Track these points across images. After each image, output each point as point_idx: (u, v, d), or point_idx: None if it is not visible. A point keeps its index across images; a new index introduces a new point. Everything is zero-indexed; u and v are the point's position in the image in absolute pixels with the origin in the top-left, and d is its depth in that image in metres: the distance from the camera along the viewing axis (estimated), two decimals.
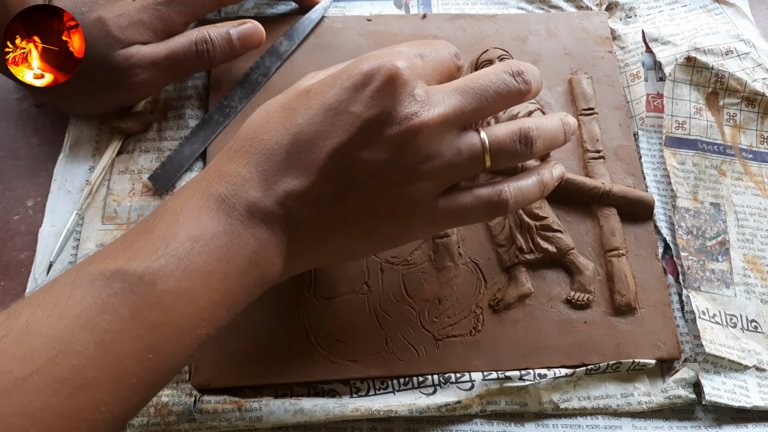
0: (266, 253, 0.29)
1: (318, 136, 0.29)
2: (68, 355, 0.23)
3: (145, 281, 0.25)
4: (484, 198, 0.31)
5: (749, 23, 0.47)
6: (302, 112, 0.29)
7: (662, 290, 0.39)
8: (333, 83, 0.29)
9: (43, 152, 0.43)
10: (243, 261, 0.28)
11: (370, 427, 0.35)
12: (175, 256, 0.26)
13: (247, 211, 0.28)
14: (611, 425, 0.35)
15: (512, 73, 0.31)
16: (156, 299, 0.25)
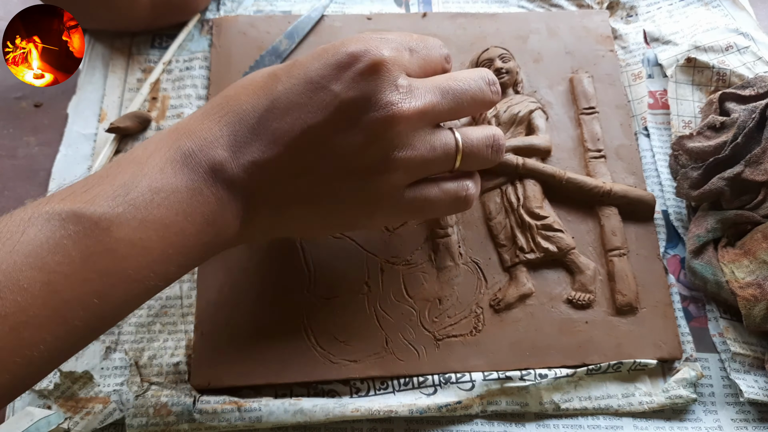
0: (224, 215, 0.28)
1: (293, 108, 0.29)
2: (13, 291, 0.23)
3: (101, 227, 0.25)
4: (451, 192, 0.32)
5: (747, 15, 0.47)
6: (284, 80, 0.29)
7: (663, 290, 0.38)
8: (318, 57, 0.29)
9: (41, 152, 0.42)
10: (200, 219, 0.28)
11: (370, 427, 0.35)
12: (133, 205, 0.26)
13: (211, 170, 0.28)
14: (612, 425, 0.35)
15: (488, 81, 0.32)
16: (109, 246, 0.25)
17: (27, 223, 0.25)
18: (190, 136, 0.29)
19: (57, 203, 0.25)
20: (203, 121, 0.29)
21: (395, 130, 0.29)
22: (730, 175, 0.38)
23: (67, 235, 0.25)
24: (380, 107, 0.28)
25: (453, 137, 0.31)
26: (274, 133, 0.28)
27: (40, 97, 0.44)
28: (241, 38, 0.46)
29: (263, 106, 0.29)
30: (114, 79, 0.45)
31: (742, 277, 0.36)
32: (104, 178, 0.27)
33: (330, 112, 0.28)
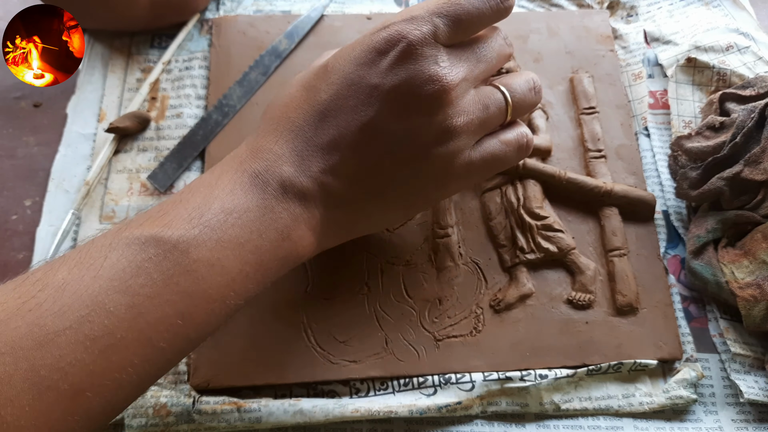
0: (298, 228, 0.29)
1: (345, 111, 0.29)
2: (100, 314, 0.24)
3: (179, 249, 0.26)
4: (513, 143, 0.33)
5: (747, 14, 0.47)
6: (324, 89, 0.30)
7: (664, 290, 0.38)
8: (350, 56, 0.30)
9: (40, 151, 0.42)
10: (275, 235, 0.28)
11: (370, 428, 0.35)
12: (208, 226, 0.27)
13: (280, 186, 0.29)
14: (613, 426, 0.35)
15: (504, 36, 0.33)
16: (188, 267, 0.26)
17: (108, 249, 0.25)
18: (254, 158, 0.29)
19: (135, 229, 0.26)
20: (262, 143, 0.30)
21: (447, 101, 0.29)
22: (729, 175, 0.38)
23: (147, 258, 0.25)
24: (428, 83, 0.28)
25: (500, 92, 0.32)
26: (333, 139, 0.29)
27: (39, 97, 0.44)
28: (240, 38, 0.46)
29: (314, 118, 0.29)
30: (113, 79, 0.45)
31: (742, 278, 0.36)
32: (178, 203, 0.28)
33: (379, 104, 0.29)
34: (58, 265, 0.25)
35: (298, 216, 0.29)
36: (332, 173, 0.29)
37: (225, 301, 0.27)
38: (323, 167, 0.29)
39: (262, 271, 0.28)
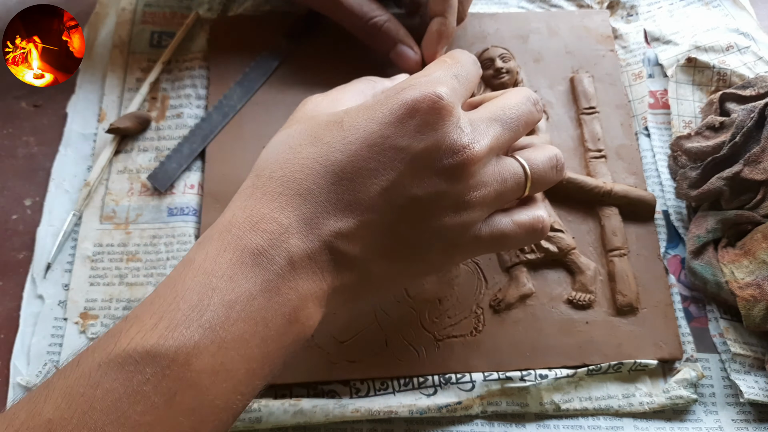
0: (306, 307, 0.26)
1: (364, 174, 0.27)
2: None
3: (179, 362, 0.23)
4: (525, 225, 0.31)
5: (747, 14, 0.47)
6: (339, 147, 0.27)
7: (664, 290, 0.38)
8: (371, 116, 0.28)
9: (41, 151, 0.42)
10: (281, 321, 0.26)
11: (370, 428, 0.35)
12: (209, 327, 0.24)
13: (288, 263, 0.26)
14: (613, 426, 0.35)
15: (533, 101, 0.32)
16: (191, 381, 0.23)
17: (99, 373, 0.23)
18: (254, 231, 0.26)
19: (126, 343, 0.23)
20: (263, 210, 0.27)
21: (470, 171, 0.28)
22: (728, 175, 0.38)
23: (145, 380, 0.22)
24: (454, 152, 0.28)
25: (519, 165, 0.31)
26: (349, 204, 0.27)
27: (39, 96, 0.44)
28: (240, 38, 0.46)
29: (327, 180, 0.27)
30: (113, 79, 0.44)
31: (742, 278, 0.36)
32: (170, 301, 0.24)
33: (403, 168, 0.27)
34: (41, 400, 0.22)
35: (306, 293, 0.26)
36: (345, 237, 0.27)
37: (232, 407, 0.25)
38: (336, 232, 0.27)
39: (269, 363, 0.26)
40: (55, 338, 0.37)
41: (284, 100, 0.43)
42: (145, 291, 0.38)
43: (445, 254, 0.30)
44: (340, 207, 0.27)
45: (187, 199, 0.41)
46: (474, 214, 0.29)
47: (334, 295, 0.28)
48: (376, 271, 0.29)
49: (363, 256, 0.28)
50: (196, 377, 0.23)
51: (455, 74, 0.30)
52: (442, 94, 0.28)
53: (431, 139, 0.27)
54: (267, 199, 0.27)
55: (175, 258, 0.39)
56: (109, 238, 0.39)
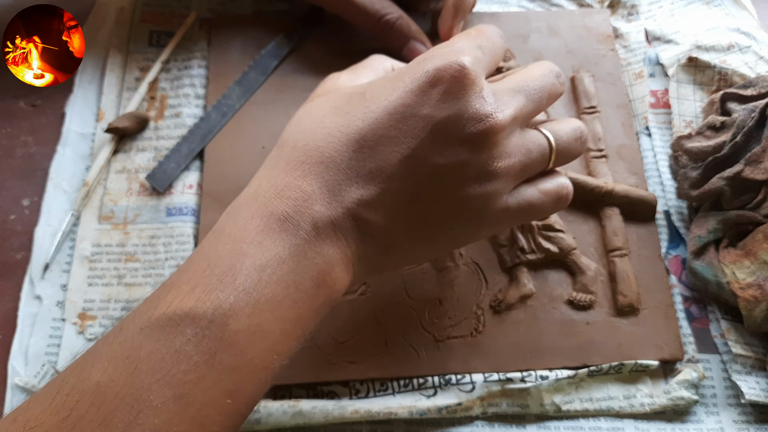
0: (332, 271, 0.27)
1: (385, 141, 0.27)
2: (149, 414, 0.22)
3: (217, 323, 0.24)
4: (551, 192, 0.31)
5: (748, 14, 0.47)
6: (360, 116, 0.28)
7: (665, 291, 0.38)
8: (394, 86, 0.28)
9: (39, 151, 0.42)
10: (310, 283, 0.26)
11: (370, 429, 0.35)
12: (243, 290, 0.25)
13: (312, 228, 0.26)
14: (614, 427, 0.35)
15: (556, 74, 0.32)
16: (229, 340, 0.24)
17: (142, 336, 0.24)
18: (279, 198, 0.27)
19: (166, 307, 0.24)
20: (287, 179, 0.27)
21: (493, 141, 0.28)
22: (729, 175, 0.37)
23: (186, 340, 0.23)
24: (476, 121, 0.27)
25: (544, 137, 0.31)
26: (371, 172, 0.27)
27: (37, 96, 0.44)
28: (240, 37, 0.45)
29: (348, 147, 0.27)
30: (112, 78, 0.44)
31: (743, 278, 0.36)
32: (204, 267, 0.25)
33: (424, 136, 0.27)
34: (89, 365, 0.23)
35: (332, 258, 0.27)
36: (368, 206, 0.27)
37: (270, 366, 0.25)
38: (358, 200, 0.27)
39: (302, 324, 0.26)
40: (53, 339, 0.36)
41: (284, 100, 0.43)
42: (144, 291, 0.38)
43: (472, 227, 0.30)
44: (362, 175, 0.27)
45: (186, 199, 0.40)
46: (499, 184, 0.29)
47: (360, 262, 0.29)
48: (400, 242, 0.29)
49: (386, 225, 0.28)
50: (234, 337, 0.24)
51: (479, 45, 0.30)
52: (465, 63, 0.28)
53: (454, 107, 0.27)
54: (290, 168, 0.28)
55: (174, 258, 0.39)
56: (108, 238, 0.39)
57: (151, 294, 0.26)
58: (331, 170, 0.27)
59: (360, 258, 0.28)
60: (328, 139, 0.28)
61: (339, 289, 0.28)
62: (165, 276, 0.38)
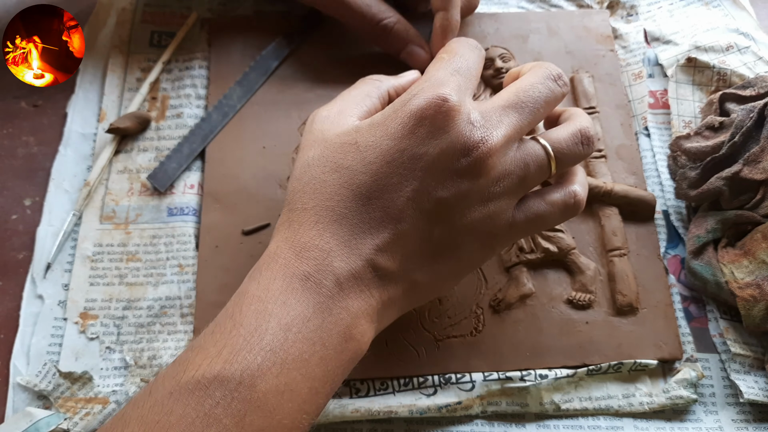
0: (359, 324, 0.28)
1: (389, 189, 0.28)
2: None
3: (245, 384, 0.24)
4: (559, 203, 0.31)
5: (747, 15, 0.47)
6: (361, 169, 0.28)
7: (664, 290, 0.38)
8: (384, 133, 0.29)
9: (40, 151, 0.42)
10: (338, 339, 0.27)
11: (370, 428, 0.35)
12: (270, 350, 0.25)
13: (335, 284, 0.27)
14: (613, 426, 0.35)
15: (554, 78, 0.31)
16: (258, 402, 0.24)
17: (171, 400, 0.24)
18: (299, 258, 0.27)
19: (194, 370, 0.24)
20: (304, 240, 0.28)
21: (489, 165, 0.28)
22: (728, 175, 0.37)
23: (215, 403, 0.24)
24: (469, 150, 0.28)
25: (540, 146, 0.30)
26: (381, 220, 0.28)
27: (39, 96, 0.44)
28: (240, 38, 0.46)
29: (357, 203, 0.28)
30: (113, 79, 0.44)
31: (742, 278, 0.36)
32: (230, 329, 0.26)
33: (423, 175, 0.28)
34: (120, 426, 0.24)
35: (357, 311, 0.27)
36: (384, 252, 0.28)
37: (299, 425, 0.25)
38: (374, 248, 0.28)
39: (330, 381, 0.27)
40: (54, 338, 0.37)
41: (284, 100, 0.43)
42: (145, 291, 0.38)
43: (484, 247, 0.31)
44: (373, 224, 0.28)
45: (187, 199, 0.41)
46: (501, 203, 0.30)
47: (384, 309, 0.29)
48: (420, 279, 0.30)
49: (404, 267, 0.29)
50: (262, 398, 0.24)
51: (455, 69, 0.30)
52: (446, 96, 0.28)
53: (445, 141, 0.28)
54: (305, 229, 0.28)
55: (175, 258, 0.39)
56: (109, 238, 0.39)
57: (178, 357, 0.26)
58: (345, 226, 0.28)
59: (384, 305, 0.29)
60: (336, 198, 0.28)
61: (365, 342, 0.28)
62: (166, 276, 0.38)
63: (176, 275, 0.38)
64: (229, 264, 0.38)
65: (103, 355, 0.36)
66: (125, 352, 0.36)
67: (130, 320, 0.37)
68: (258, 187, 0.41)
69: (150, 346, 0.36)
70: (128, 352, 0.36)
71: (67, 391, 0.35)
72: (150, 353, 0.36)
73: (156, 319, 0.37)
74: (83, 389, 0.35)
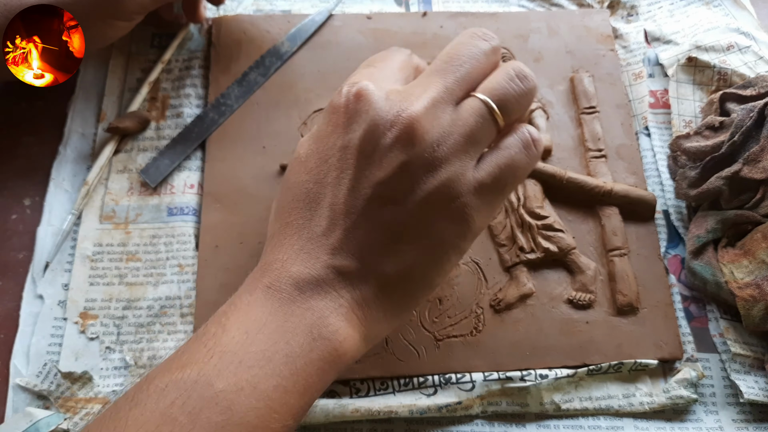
0: (327, 324, 0.27)
1: (330, 187, 0.28)
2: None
3: (201, 383, 0.24)
4: (515, 145, 0.29)
5: (748, 14, 0.47)
6: (305, 178, 0.29)
7: (664, 290, 0.38)
8: (316, 137, 0.30)
9: (40, 151, 0.42)
10: (303, 337, 0.27)
11: (370, 428, 0.35)
12: (229, 351, 0.25)
13: (294, 288, 0.27)
14: (613, 426, 0.35)
15: (479, 36, 0.30)
16: (215, 399, 0.24)
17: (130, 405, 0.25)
18: (264, 272, 0.28)
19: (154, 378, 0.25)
20: (269, 258, 0.29)
21: (420, 132, 0.27)
22: (728, 174, 0.37)
23: (170, 403, 0.24)
24: (392, 123, 0.27)
25: (476, 98, 0.29)
26: (330, 219, 0.28)
27: (39, 96, 0.44)
28: (240, 37, 0.46)
29: (307, 211, 0.29)
30: (113, 79, 0.44)
31: (741, 278, 0.36)
32: (194, 341, 0.27)
33: (355, 162, 0.28)
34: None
35: (323, 310, 0.27)
36: (340, 251, 0.28)
37: (269, 426, 0.25)
38: (329, 250, 0.28)
39: (302, 381, 0.26)
40: (54, 338, 0.37)
41: (285, 101, 0.43)
42: (145, 291, 0.38)
43: (456, 220, 0.28)
44: (325, 227, 0.28)
45: (187, 199, 0.41)
46: (452, 167, 0.28)
47: (365, 308, 0.28)
48: (389, 270, 0.28)
49: (366, 261, 0.28)
50: (220, 395, 0.24)
51: (367, 64, 0.32)
52: (355, 83, 0.29)
53: (364, 123, 0.28)
54: (270, 248, 0.30)
55: (175, 258, 0.39)
56: (109, 237, 0.39)
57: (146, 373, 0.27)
58: (303, 237, 0.29)
59: (361, 304, 0.28)
60: (293, 213, 0.29)
61: (343, 341, 0.27)
62: (166, 276, 0.38)
63: (176, 275, 0.38)
64: (229, 264, 0.38)
65: (103, 355, 0.36)
66: (125, 352, 0.36)
67: (130, 320, 0.37)
68: (258, 187, 0.41)
69: (150, 346, 0.36)
70: (128, 352, 0.36)
71: (67, 391, 0.35)
72: (150, 353, 0.36)
73: (156, 319, 0.37)
74: (83, 389, 0.35)
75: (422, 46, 0.45)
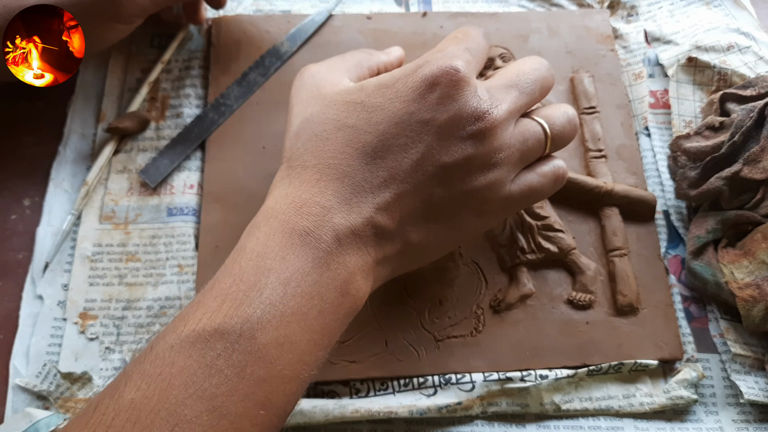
0: (355, 280, 0.28)
1: (395, 150, 0.29)
2: (184, 427, 0.23)
3: (246, 336, 0.25)
4: (549, 175, 0.33)
5: (748, 14, 0.47)
6: (367, 129, 0.29)
7: (664, 290, 0.38)
8: (395, 95, 0.30)
9: (40, 151, 0.42)
10: (335, 294, 0.27)
11: (370, 428, 0.35)
12: (270, 304, 0.26)
13: (334, 240, 0.28)
14: (613, 426, 0.35)
15: (547, 68, 0.33)
16: (259, 353, 0.25)
17: (173, 353, 0.24)
18: (299, 215, 0.28)
19: (195, 324, 0.25)
20: (304, 196, 0.28)
21: (493, 134, 0.30)
22: (728, 174, 0.37)
23: (216, 355, 0.24)
24: (475, 119, 0.29)
25: (538, 125, 0.32)
26: (384, 180, 0.29)
27: (39, 96, 0.44)
28: (240, 38, 0.46)
29: (361, 162, 0.29)
30: (113, 79, 0.44)
31: (741, 278, 0.36)
32: (230, 284, 0.26)
33: (430, 140, 0.29)
34: (122, 385, 0.24)
35: (353, 268, 0.28)
36: (384, 210, 0.29)
37: (299, 377, 0.26)
38: (375, 207, 0.29)
39: (328, 334, 0.27)
40: (54, 338, 0.36)
41: (284, 100, 0.43)
42: (145, 291, 0.38)
43: (479, 216, 0.32)
44: (376, 183, 0.29)
45: (187, 199, 0.41)
46: (501, 173, 0.31)
47: (378, 267, 0.30)
48: (414, 239, 0.30)
49: (402, 227, 0.30)
50: (263, 349, 0.25)
51: (467, 48, 0.32)
52: (458, 67, 0.29)
53: (453, 109, 0.29)
54: (306, 186, 0.29)
55: (175, 258, 0.39)
56: (109, 238, 0.39)
57: (180, 312, 0.27)
58: (347, 184, 0.29)
59: (378, 263, 0.29)
60: (339, 156, 0.29)
61: (361, 297, 0.29)
62: (166, 276, 0.38)
63: (176, 275, 0.38)
64: None
65: (103, 356, 0.36)
66: (125, 353, 0.36)
67: (130, 320, 0.37)
68: (258, 187, 0.40)
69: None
70: (128, 352, 0.36)
71: (67, 392, 0.35)
72: None
73: (156, 319, 0.37)
74: (83, 389, 0.35)
75: (422, 46, 0.45)
